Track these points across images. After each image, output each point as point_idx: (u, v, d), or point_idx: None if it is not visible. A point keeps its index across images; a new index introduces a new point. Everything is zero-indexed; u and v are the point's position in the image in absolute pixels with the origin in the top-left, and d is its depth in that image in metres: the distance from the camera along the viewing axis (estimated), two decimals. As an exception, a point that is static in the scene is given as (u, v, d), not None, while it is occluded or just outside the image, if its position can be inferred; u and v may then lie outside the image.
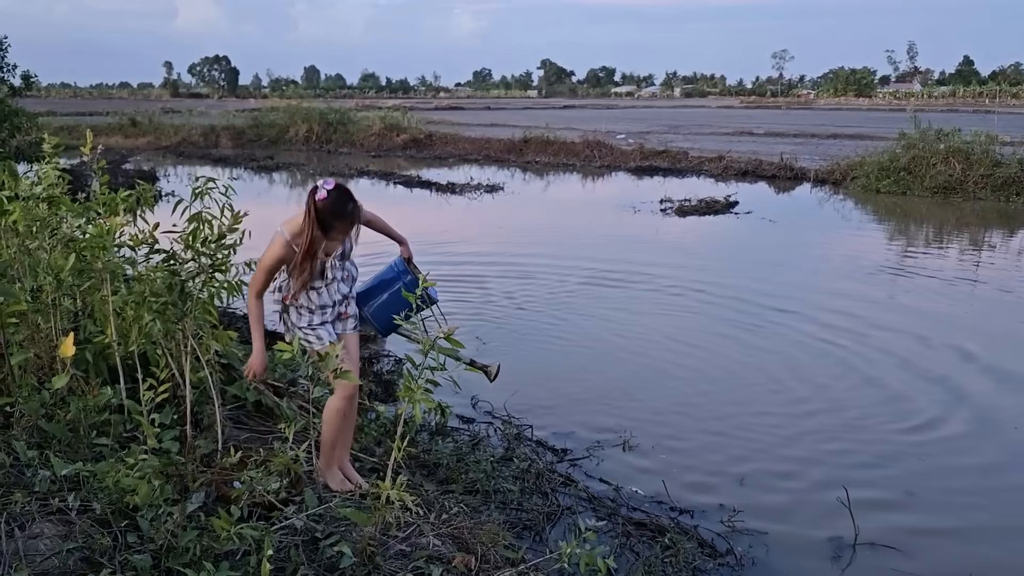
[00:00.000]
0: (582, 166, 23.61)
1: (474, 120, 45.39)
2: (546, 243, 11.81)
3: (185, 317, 3.17)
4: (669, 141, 28.54)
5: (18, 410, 2.98)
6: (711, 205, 15.31)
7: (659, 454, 4.91)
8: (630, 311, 8.08)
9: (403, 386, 2.56)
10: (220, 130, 32.01)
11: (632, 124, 42.48)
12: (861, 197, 17.47)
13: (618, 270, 9.75)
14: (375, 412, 4.94)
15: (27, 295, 3.30)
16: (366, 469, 4.07)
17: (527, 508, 4.07)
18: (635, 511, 4.20)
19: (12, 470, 2.67)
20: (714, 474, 4.68)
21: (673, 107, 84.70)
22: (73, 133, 33.40)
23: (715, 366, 6.50)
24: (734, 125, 42.36)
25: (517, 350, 6.81)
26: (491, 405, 5.52)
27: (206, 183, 4.86)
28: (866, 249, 11.56)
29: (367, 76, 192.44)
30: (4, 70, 14.44)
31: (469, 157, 26.37)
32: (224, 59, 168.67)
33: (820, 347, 6.95)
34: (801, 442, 5.10)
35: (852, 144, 26.96)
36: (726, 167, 21.67)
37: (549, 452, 4.88)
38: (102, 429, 3.08)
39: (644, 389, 6.00)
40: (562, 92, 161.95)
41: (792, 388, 6.01)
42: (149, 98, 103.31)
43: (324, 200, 3.19)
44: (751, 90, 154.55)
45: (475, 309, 8.05)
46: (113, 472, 2.40)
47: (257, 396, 4.28)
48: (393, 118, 31.06)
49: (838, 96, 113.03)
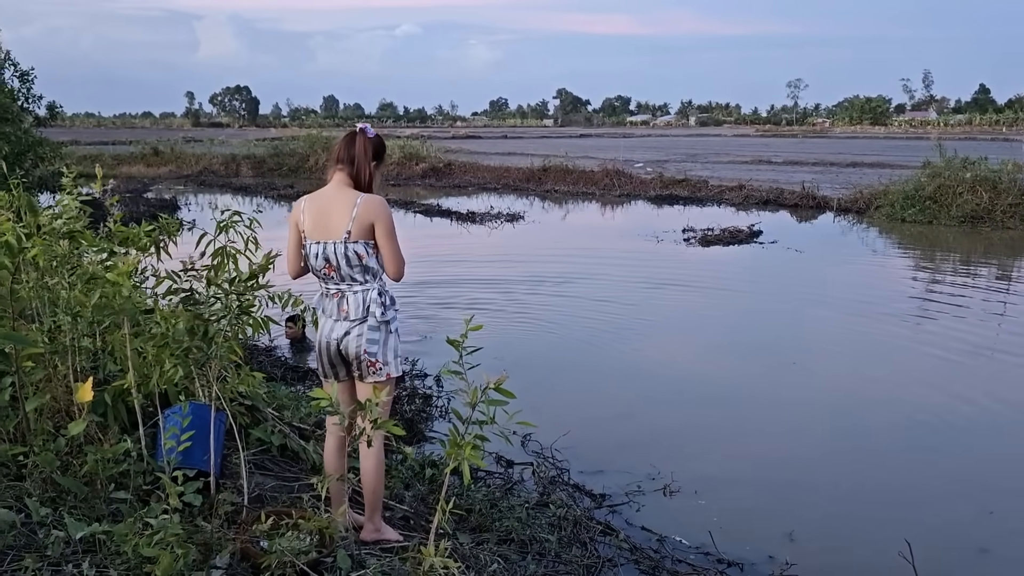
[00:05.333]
0: (601, 195, 23.47)
1: (491, 149, 45.54)
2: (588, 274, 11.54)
3: (209, 361, 2.98)
4: (688, 170, 28.43)
5: (32, 461, 2.79)
6: (735, 235, 15.08)
7: (701, 499, 4.66)
8: (679, 352, 7.85)
9: (449, 442, 2.35)
10: (240, 159, 32.25)
11: (649, 153, 42.45)
12: (886, 226, 17.19)
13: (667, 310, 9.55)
14: (402, 454, 4.73)
15: (44, 336, 3.13)
16: (396, 518, 3.86)
17: (566, 560, 3.82)
18: (680, 563, 3.95)
19: (24, 529, 2.47)
20: (763, 524, 4.41)
21: (689, 136, 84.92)
22: (96, 162, 33.78)
23: (768, 412, 6.20)
24: (751, 153, 42.24)
25: (552, 383, 6.66)
26: (540, 445, 5.30)
27: (231, 216, 4.73)
28: (901, 282, 11.28)
29: (385, 105, 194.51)
30: (30, 101, 14.48)
31: (488, 186, 26.30)
32: (245, 89, 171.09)
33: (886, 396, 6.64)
34: (859, 496, 4.81)
35: (873, 172, 26.76)
36: (747, 196, 21.48)
37: (587, 497, 4.64)
38: (121, 481, 2.88)
39: (687, 431, 5.77)
40: (578, 121, 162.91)
41: (851, 439, 5.68)
42: (171, 127, 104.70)
43: (375, 136, 3.38)
44: (766, 119, 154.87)
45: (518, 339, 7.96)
46: (132, 536, 2.20)
47: (282, 440, 4.08)
48: (412, 147, 31.14)
49: (854, 124, 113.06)
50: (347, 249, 3.18)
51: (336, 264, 3.22)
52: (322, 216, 3.24)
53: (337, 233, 3.19)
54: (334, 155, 3.36)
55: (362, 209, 3.17)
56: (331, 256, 3.21)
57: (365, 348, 3.21)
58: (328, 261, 3.23)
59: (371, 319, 3.22)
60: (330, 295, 3.31)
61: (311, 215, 3.28)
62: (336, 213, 3.21)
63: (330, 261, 3.23)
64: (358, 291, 3.24)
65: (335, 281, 3.27)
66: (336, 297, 3.28)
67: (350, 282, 3.25)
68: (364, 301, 3.22)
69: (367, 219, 3.18)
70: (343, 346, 3.24)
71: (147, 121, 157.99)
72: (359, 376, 3.28)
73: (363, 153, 3.30)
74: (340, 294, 3.27)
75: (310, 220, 3.27)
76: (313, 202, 3.32)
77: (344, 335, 3.23)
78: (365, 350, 3.21)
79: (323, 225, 3.23)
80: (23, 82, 13.83)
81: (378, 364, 3.23)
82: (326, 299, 3.33)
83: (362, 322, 3.22)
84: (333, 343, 3.26)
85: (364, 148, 3.31)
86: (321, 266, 3.26)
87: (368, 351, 3.21)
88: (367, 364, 3.22)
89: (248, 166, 31.54)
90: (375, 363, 3.23)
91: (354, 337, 3.22)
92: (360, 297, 3.23)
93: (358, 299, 3.22)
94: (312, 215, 3.27)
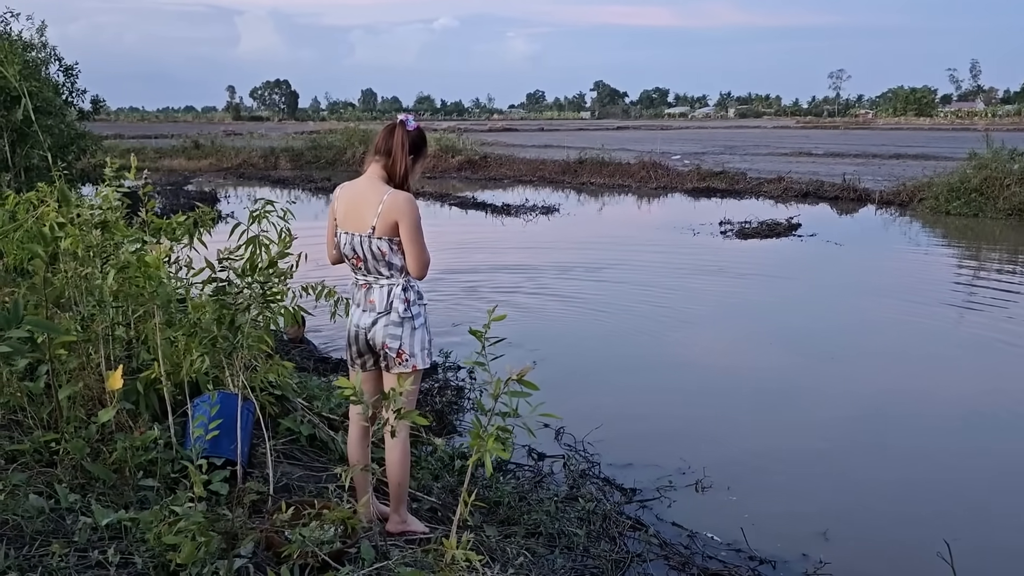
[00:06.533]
0: (637, 187, 23.29)
1: (528, 142, 45.42)
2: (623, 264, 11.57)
3: (236, 351, 2.99)
4: (725, 162, 28.10)
5: (63, 448, 2.83)
6: (773, 228, 14.86)
7: (733, 495, 4.59)
8: (714, 343, 7.78)
9: (471, 434, 2.33)
10: (279, 152, 32.54)
11: (687, 145, 42.00)
12: (930, 219, 16.82)
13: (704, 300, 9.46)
14: (432, 446, 4.72)
15: (77, 324, 3.16)
16: (424, 510, 3.85)
17: (594, 555, 3.78)
18: (711, 560, 3.89)
19: (53, 515, 2.50)
20: (797, 521, 4.33)
21: (728, 128, 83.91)
22: (139, 156, 34.35)
23: (805, 405, 6.10)
24: (791, 146, 41.58)
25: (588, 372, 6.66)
26: (573, 438, 5.27)
27: (264, 206, 4.75)
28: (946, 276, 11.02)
29: (422, 99, 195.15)
30: (74, 95, 14.73)
31: (523, 178, 26.25)
32: (284, 83, 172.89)
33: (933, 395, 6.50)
34: (896, 494, 4.70)
35: (917, 165, 26.17)
36: (786, 188, 21.15)
37: (617, 491, 4.60)
38: (149, 469, 2.90)
39: (720, 424, 5.69)
40: (615, 114, 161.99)
41: (890, 434, 5.55)
42: (212, 122, 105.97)
43: (415, 129, 3.30)
44: (807, 110, 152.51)
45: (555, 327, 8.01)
46: (157, 524, 2.21)
47: (311, 430, 4.09)
48: (448, 140, 31.18)
49: (898, 116, 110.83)
50: (372, 244, 3.17)
51: (363, 256, 3.21)
52: (353, 207, 3.23)
53: (364, 226, 3.18)
54: (373, 145, 3.34)
55: (387, 206, 3.15)
56: (358, 248, 3.21)
57: (387, 341, 3.20)
58: (356, 252, 3.23)
59: (393, 314, 3.21)
60: (359, 285, 3.30)
61: (343, 204, 3.27)
62: (365, 206, 3.19)
63: (357, 252, 3.22)
64: (384, 285, 3.23)
65: (363, 272, 3.27)
66: (364, 288, 3.28)
67: (376, 275, 3.24)
68: (389, 295, 3.21)
69: (391, 216, 3.15)
70: (370, 336, 3.24)
71: (189, 116, 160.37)
72: (385, 367, 3.27)
73: (400, 146, 3.23)
74: (368, 285, 3.27)
75: (342, 209, 3.27)
76: (346, 192, 3.31)
77: (372, 325, 3.23)
78: (387, 344, 3.20)
79: (353, 216, 3.22)
80: (68, 76, 14.10)
81: (404, 355, 3.22)
82: (355, 288, 3.33)
83: (387, 314, 3.21)
84: (361, 332, 3.26)
85: (402, 141, 3.24)
86: (350, 255, 3.26)
87: (389, 345, 3.20)
88: (392, 355, 3.22)
89: (286, 159, 31.83)
90: (401, 354, 3.21)
91: (380, 328, 3.21)
92: (385, 291, 3.22)
93: (383, 292, 3.22)
94: (344, 204, 3.27)
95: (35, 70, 11.30)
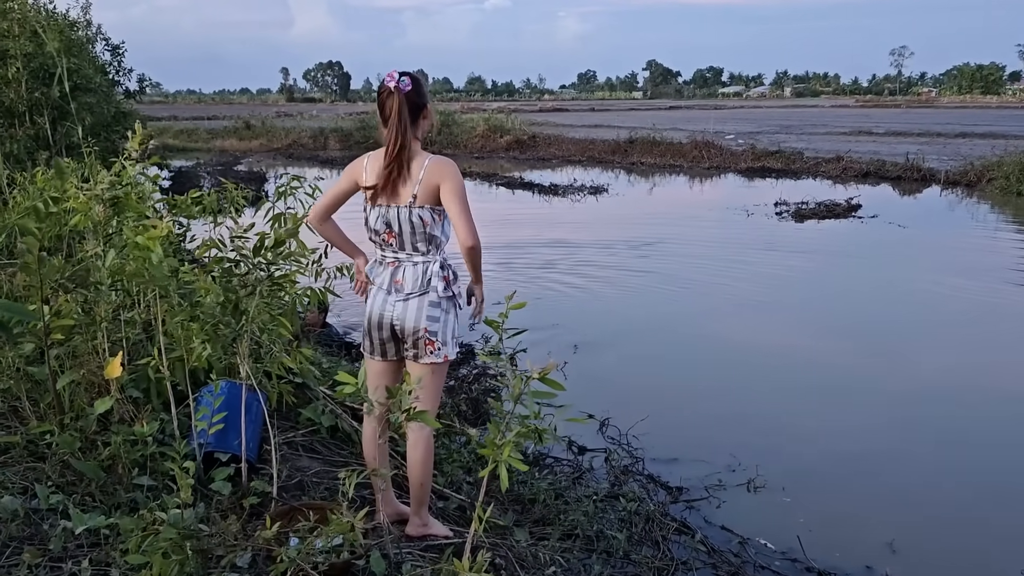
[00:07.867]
0: (689, 167, 22.68)
1: (578, 121, 44.84)
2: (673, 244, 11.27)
3: (239, 338, 2.73)
4: (781, 142, 27.26)
5: (52, 441, 2.61)
6: (831, 209, 14.24)
7: (787, 497, 4.22)
8: (772, 333, 7.33)
9: (486, 440, 2.04)
10: (328, 133, 32.62)
11: (741, 124, 41.00)
12: (999, 200, 15.98)
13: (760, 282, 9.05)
14: (466, 436, 4.45)
15: (78, 307, 2.95)
16: (452, 508, 3.58)
17: (635, 561, 3.47)
18: (763, 570, 3.55)
19: (35, 516, 2.28)
20: (859, 529, 3.95)
21: (784, 107, 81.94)
22: (192, 136, 34.89)
23: (870, 401, 5.63)
24: (850, 125, 40.27)
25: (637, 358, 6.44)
26: (618, 430, 4.97)
27: (290, 182, 4.50)
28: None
29: (473, 80, 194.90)
30: (120, 74, 14.78)
31: (572, 159, 25.81)
32: (337, 64, 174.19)
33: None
34: (977, 503, 4.28)
35: (984, 144, 25.01)
36: (845, 168, 20.37)
37: (661, 490, 4.27)
38: (148, 465, 2.67)
39: (776, 418, 5.30)
40: (667, 93, 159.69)
41: (962, 433, 5.13)
42: (266, 103, 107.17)
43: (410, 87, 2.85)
44: (867, 89, 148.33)
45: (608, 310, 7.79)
46: (138, 532, 1.97)
47: (333, 420, 3.84)
48: (497, 120, 30.89)
49: (963, 94, 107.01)
50: (411, 214, 2.86)
51: (398, 231, 2.90)
52: (386, 179, 2.90)
53: (402, 197, 2.87)
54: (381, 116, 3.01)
55: (428, 172, 2.83)
56: (393, 222, 2.89)
57: (425, 325, 2.88)
58: (390, 227, 2.91)
59: (432, 294, 2.89)
60: (385, 263, 2.98)
61: (373, 176, 2.93)
62: (400, 176, 2.87)
63: (392, 227, 2.90)
64: (418, 262, 2.91)
65: (393, 249, 2.95)
66: (392, 266, 2.95)
67: (411, 250, 2.92)
68: (425, 273, 2.89)
69: (433, 180, 2.83)
70: (396, 320, 2.93)
71: (244, 98, 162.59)
72: (413, 356, 2.96)
73: (396, 117, 2.83)
74: (397, 263, 2.95)
75: (372, 181, 2.90)
76: (374, 163, 2.98)
77: (402, 307, 2.91)
78: (425, 328, 2.88)
79: (388, 189, 2.90)
80: (114, 55, 14.13)
81: (436, 344, 2.91)
82: (380, 267, 3.01)
83: (422, 295, 2.89)
84: (386, 317, 2.95)
85: (398, 110, 2.83)
86: (382, 230, 2.94)
87: (429, 329, 2.88)
88: (424, 343, 2.90)
89: (336, 139, 31.87)
90: (433, 342, 2.90)
91: (413, 312, 2.89)
92: (420, 269, 2.90)
93: (417, 271, 2.90)
94: (374, 177, 2.93)
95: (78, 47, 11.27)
